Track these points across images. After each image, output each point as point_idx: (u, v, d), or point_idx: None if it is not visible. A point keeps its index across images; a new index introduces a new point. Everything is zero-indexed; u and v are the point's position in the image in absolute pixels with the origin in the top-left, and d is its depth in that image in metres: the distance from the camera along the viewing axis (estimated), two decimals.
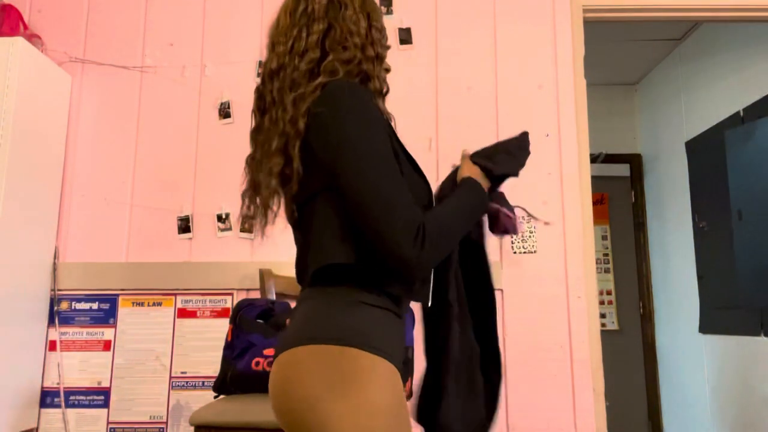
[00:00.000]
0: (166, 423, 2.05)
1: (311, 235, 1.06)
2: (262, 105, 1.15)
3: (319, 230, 1.05)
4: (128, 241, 2.17)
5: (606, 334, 2.14)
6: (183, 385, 2.07)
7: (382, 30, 1.19)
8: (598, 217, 4.15)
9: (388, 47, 1.22)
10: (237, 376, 1.67)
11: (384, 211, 0.97)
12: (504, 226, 1.24)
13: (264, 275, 1.95)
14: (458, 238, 1.11)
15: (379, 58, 1.16)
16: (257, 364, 1.66)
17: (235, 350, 1.70)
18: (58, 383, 2.08)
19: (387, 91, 1.21)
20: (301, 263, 1.11)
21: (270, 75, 1.14)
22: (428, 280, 1.15)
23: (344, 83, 1.05)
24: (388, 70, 1.21)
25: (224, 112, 2.23)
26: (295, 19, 1.14)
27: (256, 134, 1.14)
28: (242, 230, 2.13)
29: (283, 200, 1.12)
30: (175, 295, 2.13)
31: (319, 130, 1.02)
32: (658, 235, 4.01)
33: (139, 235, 2.17)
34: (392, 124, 1.18)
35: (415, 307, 1.81)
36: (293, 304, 1.13)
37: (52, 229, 2.15)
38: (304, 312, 1.05)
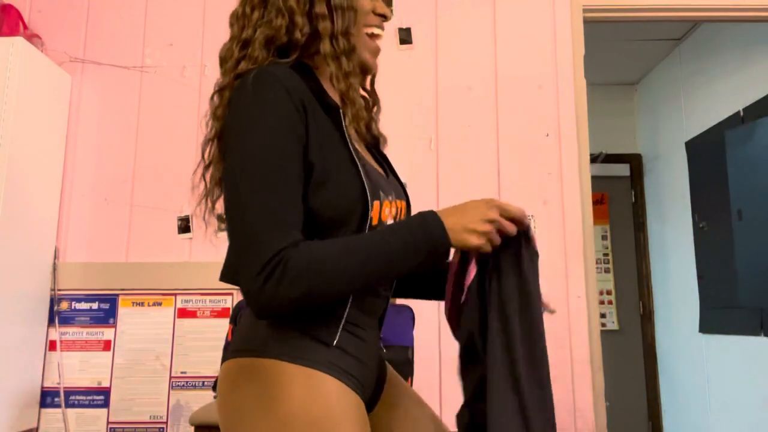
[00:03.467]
0: (166, 423, 2.05)
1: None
2: None
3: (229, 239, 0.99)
4: (128, 241, 2.17)
5: (606, 334, 2.14)
6: (183, 385, 2.07)
7: (343, 4, 0.96)
8: (598, 217, 4.15)
9: (376, 25, 1.01)
10: None
11: (241, 232, 0.82)
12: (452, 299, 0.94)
13: None
14: (352, 279, 0.84)
15: (338, 10, 0.95)
16: None
17: None
18: (58, 383, 2.08)
19: (360, 73, 1.00)
20: None
21: (220, 63, 1.02)
22: (331, 317, 0.91)
23: (249, 77, 0.88)
24: (385, 17, 1.01)
25: None
26: None
27: None
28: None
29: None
30: (175, 295, 2.13)
31: (223, 132, 0.93)
32: (658, 235, 4.01)
33: (139, 235, 2.17)
34: (375, 109, 1.06)
35: (416, 305, 1.81)
36: None
37: (52, 229, 2.15)
38: (245, 316, 0.99)
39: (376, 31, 1.02)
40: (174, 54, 2.29)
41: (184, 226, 2.17)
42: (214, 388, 1.72)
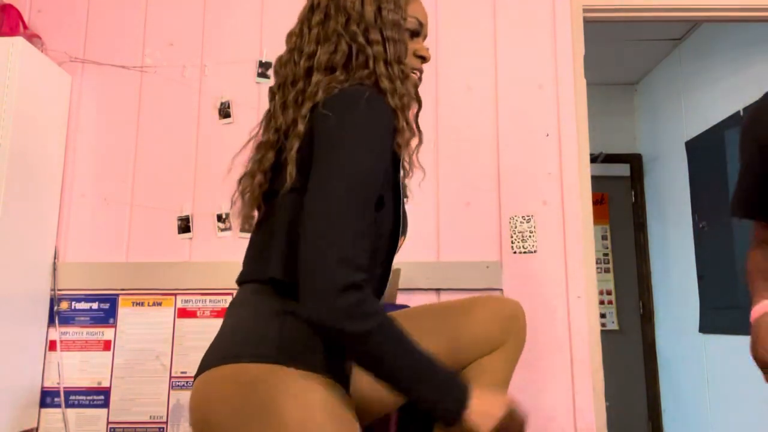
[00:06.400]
0: (166, 423, 2.05)
1: (266, 236, 1.01)
2: (269, 99, 1.11)
3: (273, 234, 0.99)
4: (128, 241, 2.17)
5: (606, 334, 2.14)
6: (183, 385, 2.07)
7: (398, 12, 1.06)
8: (598, 217, 4.14)
9: (415, 31, 1.12)
10: None
11: (331, 237, 0.85)
12: None
13: None
14: (392, 370, 0.89)
15: (390, 41, 1.04)
16: None
17: None
18: (58, 383, 2.08)
19: (415, 85, 1.13)
20: (250, 262, 1.05)
21: (275, 72, 1.11)
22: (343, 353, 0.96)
23: (363, 92, 0.95)
24: (424, 59, 1.14)
25: (224, 112, 2.23)
26: (302, 15, 1.11)
27: (263, 124, 1.10)
28: (242, 230, 2.13)
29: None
30: (175, 295, 2.13)
31: (323, 134, 0.94)
32: (658, 235, 4.01)
33: (139, 235, 2.17)
34: (416, 142, 1.14)
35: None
36: None
37: (52, 229, 2.15)
38: (228, 323, 0.99)
39: (416, 71, 1.15)
40: (174, 54, 2.29)
41: (184, 226, 2.17)
42: None
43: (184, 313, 2.12)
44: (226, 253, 2.14)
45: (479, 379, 1.12)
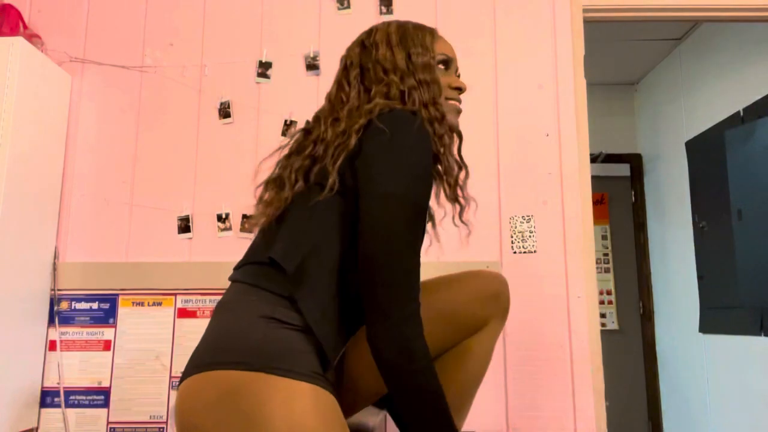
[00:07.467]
0: (166, 423, 2.05)
1: (279, 229, 1.02)
2: (309, 126, 1.14)
3: (288, 227, 1.01)
4: (128, 241, 2.17)
5: (606, 334, 2.14)
6: None
7: (426, 54, 1.17)
8: (598, 217, 4.15)
9: (446, 65, 1.21)
10: None
11: (399, 264, 0.97)
12: None
13: None
14: (427, 407, 0.96)
15: (424, 84, 1.13)
16: None
17: None
18: (58, 383, 2.08)
19: (458, 112, 1.20)
20: (258, 247, 1.06)
21: (316, 117, 1.14)
22: (338, 351, 1.01)
23: (415, 117, 1.01)
24: (461, 89, 1.21)
25: (224, 112, 2.23)
26: (338, 76, 1.18)
27: (297, 145, 1.12)
28: (242, 230, 2.13)
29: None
30: (175, 295, 2.13)
31: (376, 146, 0.99)
32: (658, 235, 4.01)
33: (139, 235, 2.17)
34: (464, 174, 1.17)
35: None
36: None
37: (52, 229, 2.15)
38: (215, 326, 0.98)
39: (455, 101, 1.22)
40: (174, 54, 2.29)
41: (184, 226, 2.17)
42: None
43: (184, 313, 2.12)
44: (226, 253, 2.14)
45: (464, 359, 1.19)
